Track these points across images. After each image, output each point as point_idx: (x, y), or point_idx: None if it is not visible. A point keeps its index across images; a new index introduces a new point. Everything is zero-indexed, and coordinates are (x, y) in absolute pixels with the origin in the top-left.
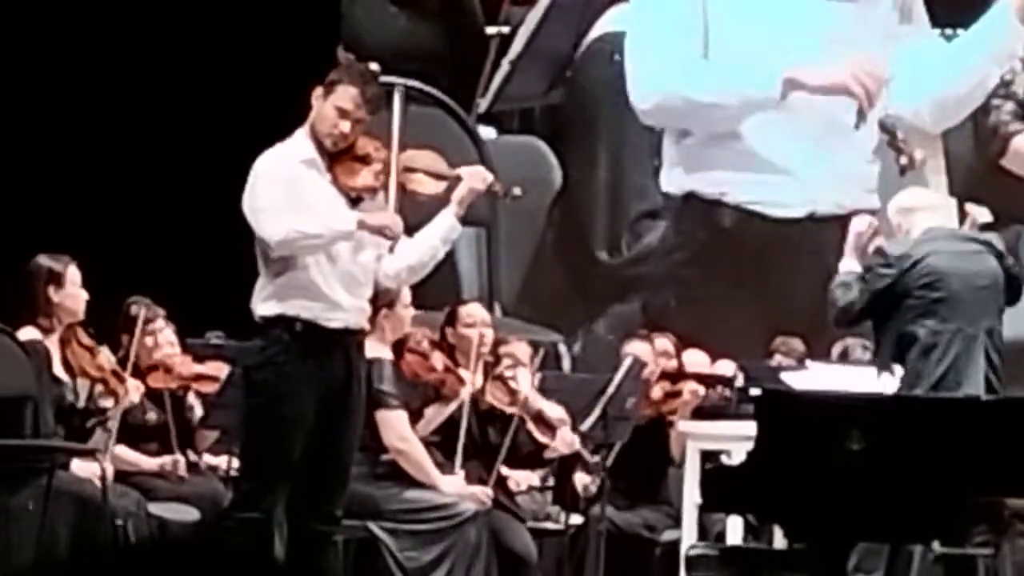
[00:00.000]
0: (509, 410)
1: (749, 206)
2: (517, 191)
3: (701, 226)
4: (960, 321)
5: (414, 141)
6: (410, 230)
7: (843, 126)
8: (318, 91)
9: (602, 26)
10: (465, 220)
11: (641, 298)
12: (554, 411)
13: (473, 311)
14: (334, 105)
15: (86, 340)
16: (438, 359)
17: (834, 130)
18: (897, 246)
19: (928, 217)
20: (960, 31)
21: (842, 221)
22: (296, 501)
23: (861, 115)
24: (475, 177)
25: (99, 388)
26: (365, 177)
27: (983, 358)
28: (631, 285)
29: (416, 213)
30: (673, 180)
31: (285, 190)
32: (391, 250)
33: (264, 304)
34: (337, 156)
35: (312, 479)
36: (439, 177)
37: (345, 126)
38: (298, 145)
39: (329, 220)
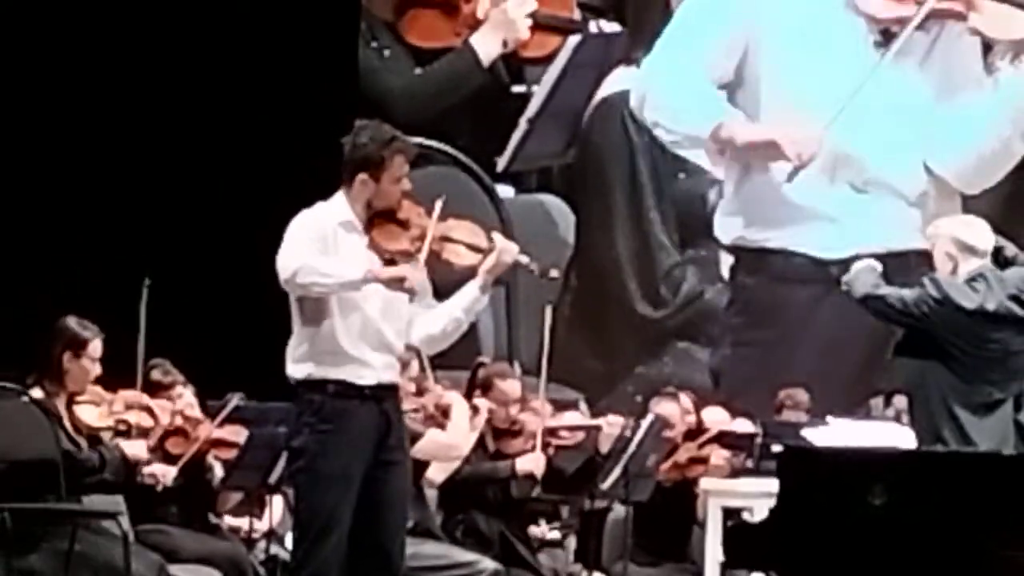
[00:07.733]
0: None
1: (794, 248)
2: (555, 273)
3: (750, 273)
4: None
5: (456, 212)
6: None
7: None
8: (363, 176)
9: (608, 86)
10: None
11: (697, 345)
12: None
13: (509, 390)
14: (393, 177)
15: (88, 396)
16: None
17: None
18: (953, 287)
19: (981, 263)
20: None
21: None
22: (354, 560)
23: (795, 172)
24: (507, 251)
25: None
26: (402, 241)
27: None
28: (685, 331)
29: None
30: (726, 228)
31: (314, 238)
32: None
33: (295, 366)
34: (377, 218)
35: (366, 537)
36: (476, 250)
37: (406, 185)
38: (337, 207)
39: (343, 268)
